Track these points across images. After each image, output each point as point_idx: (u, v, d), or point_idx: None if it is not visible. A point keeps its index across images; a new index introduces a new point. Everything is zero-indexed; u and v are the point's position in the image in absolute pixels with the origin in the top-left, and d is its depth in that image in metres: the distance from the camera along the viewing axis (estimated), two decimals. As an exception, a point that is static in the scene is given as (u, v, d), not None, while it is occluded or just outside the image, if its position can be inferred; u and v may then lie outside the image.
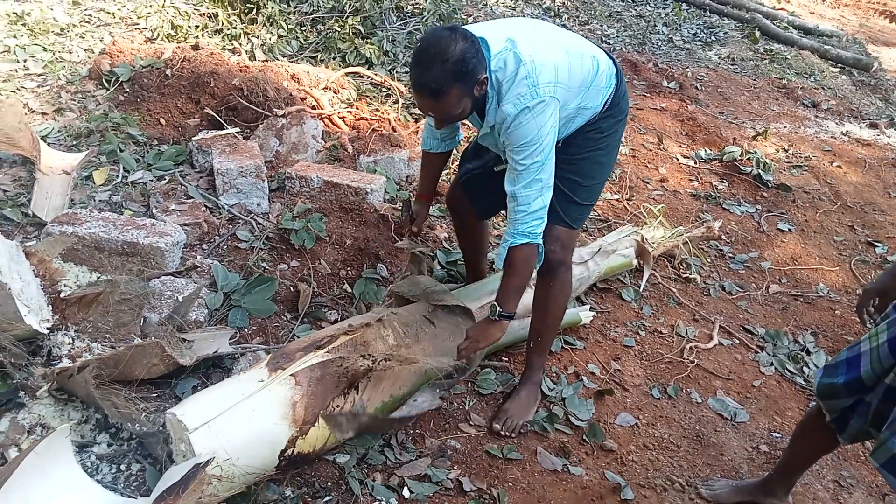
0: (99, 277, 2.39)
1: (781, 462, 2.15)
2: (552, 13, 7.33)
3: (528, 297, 2.60)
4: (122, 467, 1.84)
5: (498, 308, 2.11)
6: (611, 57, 2.20)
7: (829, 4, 10.94)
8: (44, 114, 3.57)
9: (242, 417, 1.74)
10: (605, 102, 2.15)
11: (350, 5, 4.94)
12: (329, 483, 1.94)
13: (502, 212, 2.49)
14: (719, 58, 7.04)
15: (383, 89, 4.45)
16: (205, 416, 1.70)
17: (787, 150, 5.09)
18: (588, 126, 2.17)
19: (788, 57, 7.30)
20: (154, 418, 1.91)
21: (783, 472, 2.13)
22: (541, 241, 2.06)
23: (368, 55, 4.70)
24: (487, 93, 1.96)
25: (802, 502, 2.24)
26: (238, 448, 1.70)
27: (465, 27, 1.94)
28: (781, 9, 9.19)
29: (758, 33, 7.70)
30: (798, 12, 9.41)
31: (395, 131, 3.82)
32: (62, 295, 2.23)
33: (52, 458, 1.62)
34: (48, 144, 3.20)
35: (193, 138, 3.35)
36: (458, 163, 2.63)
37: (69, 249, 2.42)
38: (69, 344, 2.12)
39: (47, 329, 2.07)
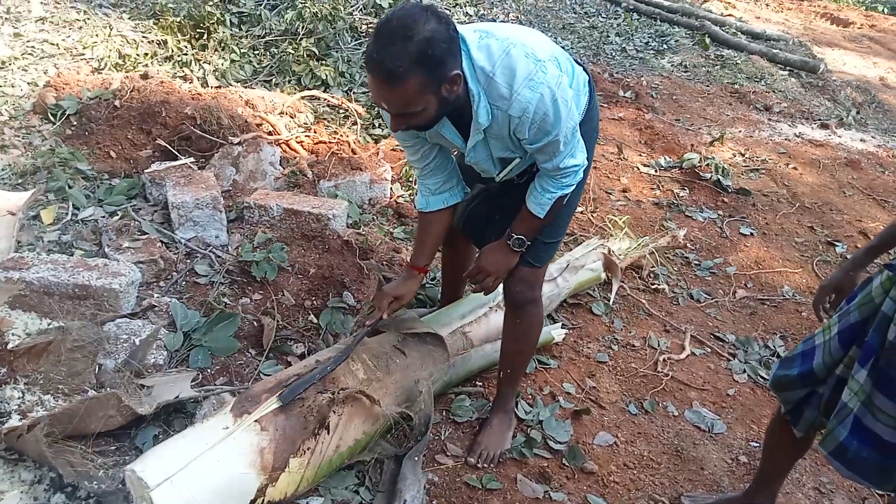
0: (49, 324, 2.27)
1: (759, 472, 2.13)
2: (506, 27, 7.36)
3: (494, 321, 2.55)
4: (80, 530, 1.73)
5: (514, 235, 2.01)
6: (581, 64, 2.02)
7: (773, 9, 11.24)
8: (-14, 152, 3.43)
9: (207, 469, 1.65)
10: (583, 112, 1.98)
11: (303, 27, 4.87)
12: (303, 529, 1.85)
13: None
14: (672, 65, 7.15)
15: (341, 111, 4.40)
16: (167, 470, 1.60)
17: (743, 155, 5.16)
18: None
19: (739, 62, 7.45)
20: (113, 474, 1.81)
21: (761, 482, 2.11)
22: None
23: (324, 77, 4.64)
24: (471, 91, 1.71)
25: (785, 513, 2.23)
26: (204, 502, 1.60)
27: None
28: (729, 15, 9.41)
29: (708, 40, 7.85)
30: (745, 17, 9.64)
31: (355, 154, 3.76)
32: (10, 346, 2.11)
33: (1, 529, 1.51)
34: (-9, 184, 3.06)
35: (146, 171, 3.24)
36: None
37: (16, 296, 2.30)
38: (19, 398, 2.00)
39: (-6, 384, 1.95)
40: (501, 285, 2.19)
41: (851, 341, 1.68)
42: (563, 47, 6.98)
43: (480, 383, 2.56)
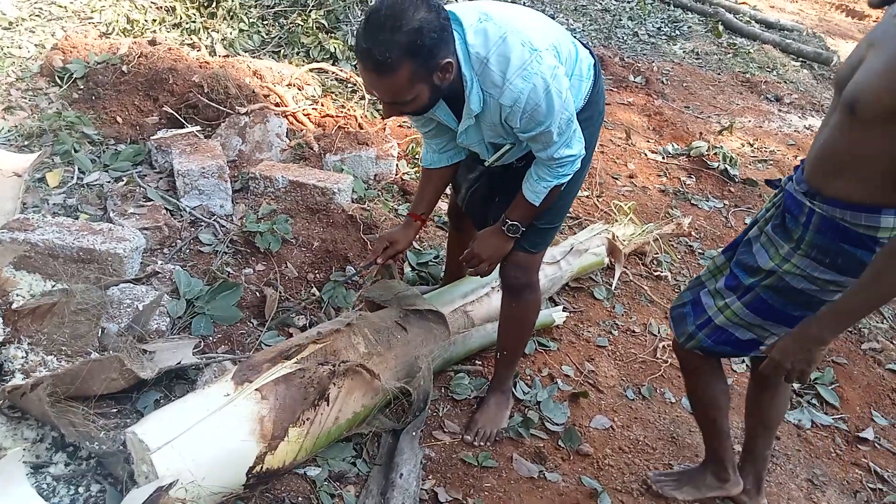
0: (54, 286, 2.28)
1: (704, 439, 2.14)
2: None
3: (496, 301, 2.56)
4: (81, 489, 1.75)
5: (509, 221, 2.00)
6: (588, 48, 2.01)
7: (788, -1, 11.11)
8: (-8, 112, 3.41)
9: (207, 435, 1.66)
10: (586, 97, 1.95)
11: (314, -1, 4.83)
12: (300, 498, 1.87)
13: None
14: (684, 52, 7.09)
15: (349, 85, 4.37)
16: (168, 434, 1.62)
17: (752, 145, 5.13)
18: None
19: (751, 51, 7.38)
20: (114, 436, 1.82)
21: (709, 446, 2.13)
22: None
23: (333, 50, 4.60)
24: (464, 77, 1.70)
25: (777, 502, 2.25)
26: (203, 467, 1.62)
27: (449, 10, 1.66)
28: (743, 2, 9.30)
29: (721, 27, 7.77)
30: (759, 6, 9.53)
31: (361, 129, 3.74)
32: (14, 306, 2.11)
33: (4, 483, 1.52)
34: (-3, 145, 3.05)
35: (152, 137, 3.23)
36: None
37: (21, 257, 2.30)
38: (22, 358, 2.01)
39: (-2, 343, 1.96)
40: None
41: (733, 249, 1.90)
42: (573, 30, 6.94)
43: (480, 362, 2.57)
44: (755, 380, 2.09)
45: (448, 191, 2.43)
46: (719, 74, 6.65)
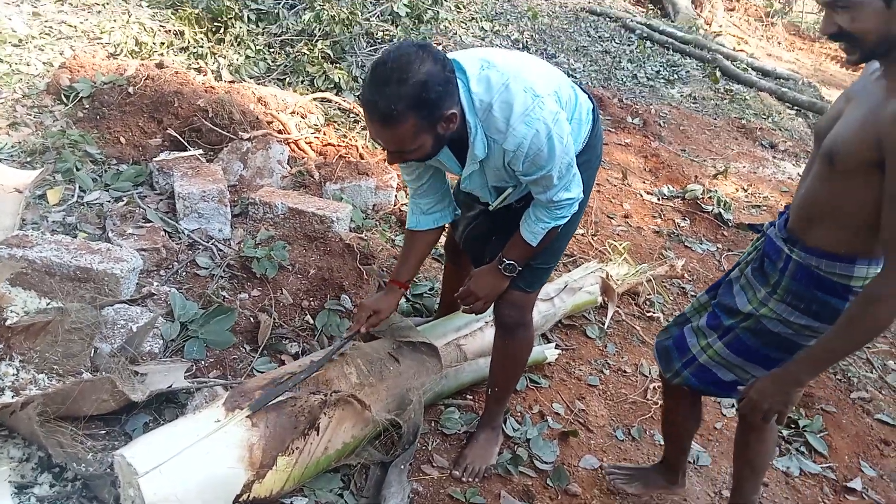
0: (48, 304, 2.28)
1: (667, 453, 2.30)
2: (521, 45, 7.42)
3: (489, 336, 2.57)
4: (65, 511, 1.74)
5: (506, 261, 2.02)
6: (586, 92, 2.04)
7: (784, 47, 11.36)
8: (-4, 128, 3.44)
9: (196, 461, 1.66)
10: (584, 140, 1.99)
11: (320, 29, 4.90)
12: (285, 528, 1.86)
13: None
14: (682, 96, 7.21)
15: (351, 115, 4.42)
16: (156, 458, 1.61)
17: (746, 190, 5.20)
18: None
19: (748, 97, 7.51)
20: (101, 458, 1.81)
21: (669, 461, 2.29)
22: None
23: (337, 80, 4.67)
24: (468, 124, 1.72)
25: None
26: (191, 494, 1.62)
27: (439, 49, 1.70)
28: (741, 50, 9.49)
29: (718, 73, 7.92)
30: (756, 54, 9.73)
31: (362, 159, 3.79)
32: (8, 322, 2.11)
33: (-13, 504, 1.51)
34: (0, 160, 3.07)
35: (154, 159, 3.26)
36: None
37: (18, 274, 2.31)
38: (13, 375, 2.00)
39: (-10, 360, 1.95)
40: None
41: (716, 289, 1.98)
42: (574, 69, 7.06)
43: (471, 397, 2.57)
44: (742, 421, 2.12)
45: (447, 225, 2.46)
46: (715, 119, 6.76)
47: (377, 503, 1.97)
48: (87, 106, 3.66)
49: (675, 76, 7.74)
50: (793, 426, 2.85)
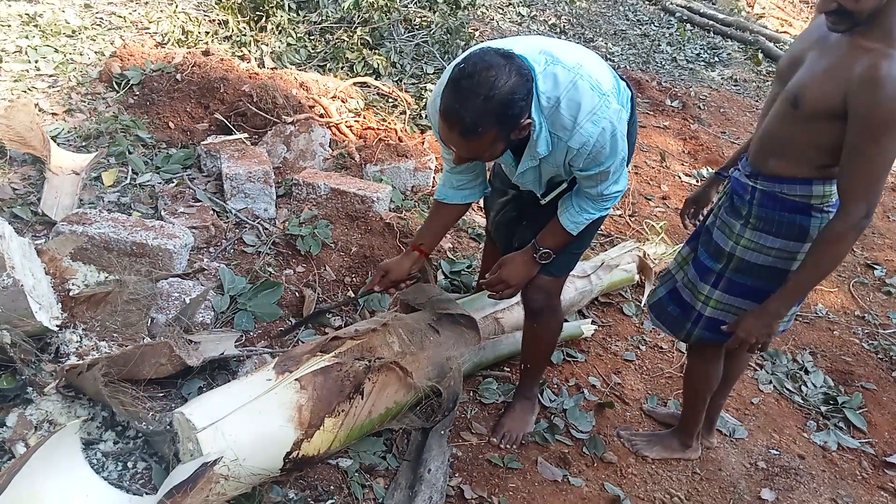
0: (107, 277, 2.41)
1: (684, 415, 2.38)
2: (558, 30, 7.40)
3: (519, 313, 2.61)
4: (129, 465, 1.86)
5: (542, 249, 2.02)
6: (623, 79, 1.99)
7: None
8: (54, 114, 3.60)
9: (249, 419, 1.75)
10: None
11: (359, 16, 4.99)
12: (332, 487, 1.95)
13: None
14: (722, 78, 7.11)
15: (390, 100, 4.50)
16: (213, 416, 1.71)
17: (787, 171, 5.12)
18: None
19: (790, 79, 7.36)
20: (161, 417, 1.93)
21: (686, 423, 2.37)
22: None
23: (376, 66, 4.74)
24: (532, 122, 1.69)
25: (799, 519, 2.26)
26: (244, 449, 1.71)
27: (518, 54, 1.63)
28: (784, 32, 9.29)
29: (760, 55, 7.78)
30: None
31: (401, 141, 3.86)
32: (71, 293, 2.25)
33: (61, 454, 1.63)
34: (58, 145, 3.23)
35: (202, 142, 3.39)
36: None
37: (78, 249, 2.44)
38: (77, 342, 2.14)
39: (57, 326, 2.09)
40: None
41: (695, 239, 2.11)
42: (612, 54, 7.02)
43: (508, 369, 2.63)
44: (691, 357, 2.30)
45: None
46: (757, 101, 6.65)
47: (418, 466, 2.05)
48: (138, 93, 3.80)
49: (716, 58, 7.63)
50: (831, 402, 2.84)
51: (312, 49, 4.88)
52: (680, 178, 4.68)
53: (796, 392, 2.92)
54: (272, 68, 4.38)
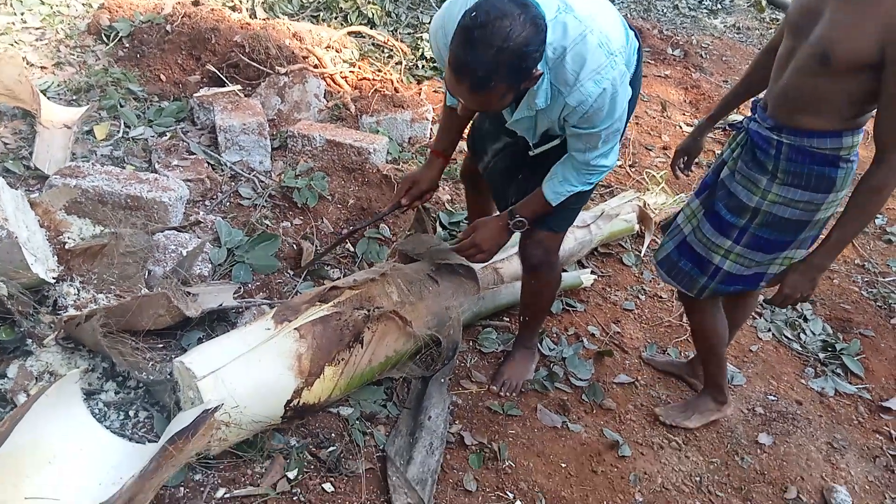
0: (103, 230, 2.39)
1: (706, 372, 2.37)
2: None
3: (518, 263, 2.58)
4: (130, 414, 1.87)
5: (517, 216, 2.00)
6: (633, 29, 1.90)
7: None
8: (43, 68, 3.54)
9: (249, 367, 1.76)
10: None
11: (353, -36, 4.85)
12: (333, 434, 1.97)
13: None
14: (725, 26, 6.97)
15: (385, 50, 4.41)
16: (212, 364, 1.71)
17: (789, 121, 5.06)
18: None
19: (794, 27, 7.22)
20: (161, 367, 1.93)
21: (712, 378, 2.34)
22: None
23: (370, 15, 4.64)
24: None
25: (796, 462, 2.29)
26: (245, 396, 1.72)
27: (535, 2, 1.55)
28: (788, -22, 9.07)
29: (764, 2, 7.60)
30: (804, -18, 9.29)
31: (397, 92, 3.79)
32: (67, 246, 2.23)
33: (62, 402, 1.64)
34: (48, 98, 3.17)
35: (194, 95, 3.33)
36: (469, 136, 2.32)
37: (72, 202, 2.41)
38: (74, 294, 2.13)
39: (53, 279, 2.07)
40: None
41: (704, 192, 2.06)
42: (612, 1, 6.85)
43: (507, 319, 2.64)
44: (688, 310, 2.30)
45: (462, 148, 2.42)
46: (760, 50, 6.53)
47: (419, 413, 2.06)
48: (127, 45, 3.72)
49: (719, 6, 7.47)
50: (829, 349, 2.86)
51: (305, -2, 4.76)
52: (681, 127, 4.62)
53: (795, 340, 2.93)
54: (264, 18, 4.28)
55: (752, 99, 2.04)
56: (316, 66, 3.79)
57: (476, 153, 2.29)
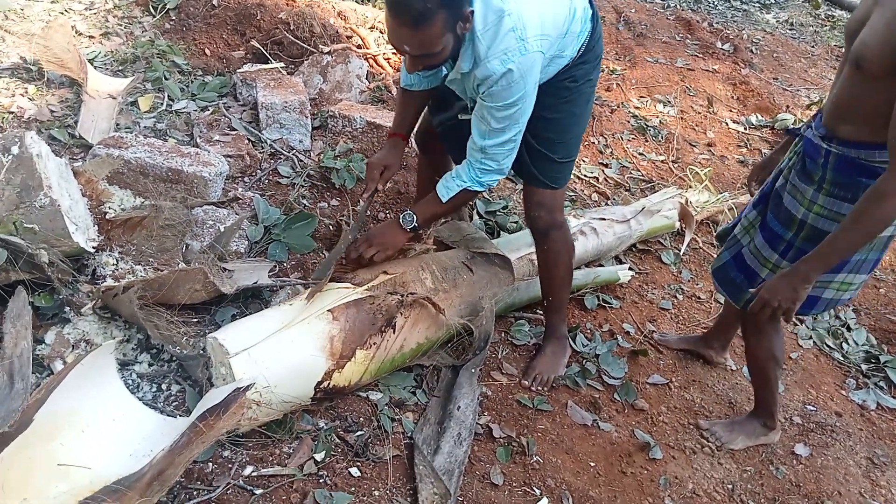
0: (143, 202, 2.41)
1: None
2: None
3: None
4: (163, 387, 1.88)
5: (407, 210, 2.06)
6: (593, 7, 1.99)
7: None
8: (91, 37, 3.56)
9: (282, 346, 1.75)
10: (580, 48, 1.95)
11: (400, -56, 4.80)
12: (361, 418, 1.96)
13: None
14: (777, 21, 6.77)
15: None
16: (246, 341, 1.71)
17: (841, 122, 4.90)
18: (561, 74, 1.97)
19: (850, 25, 6.98)
20: (194, 342, 1.94)
21: (764, 402, 2.24)
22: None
23: (416, -3, 4.58)
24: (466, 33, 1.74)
25: (833, 476, 2.22)
26: (276, 376, 1.71)
27: None
28: (847, -26, 8.76)
29: (820, -2, 7.36)
30: (864, -21, 8.97)
31: (440, 76, 3.75)
32: (108, 216, 2.25)
33: (97, 372, 1.65)
34: (95, 68, 3.19)
35: (238, 71, 3.33)
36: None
37: (114, 173, 2.43)
38: (113, 265, 2.15)
39: (93, 248, 2.09)
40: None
41: (761, 203, 2.00)
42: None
43: (541, 311, 2.58)
44: (745, 328, 2.18)
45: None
46: (813, 47, 6.33)
47: (448, 403, 2.04)
48: (174, 17, 3.73)
49: (772, 0, 7.25)
50: (873, 361, 2.77)
51: (351, -23, 4.72)
52: (727, 124, 4.50)
53: (837, 349, 2.84)
54: (310, -4, 4.26)
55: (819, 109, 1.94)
56: (359, 47, 3.76)
57: (431, 110, 2.30)
